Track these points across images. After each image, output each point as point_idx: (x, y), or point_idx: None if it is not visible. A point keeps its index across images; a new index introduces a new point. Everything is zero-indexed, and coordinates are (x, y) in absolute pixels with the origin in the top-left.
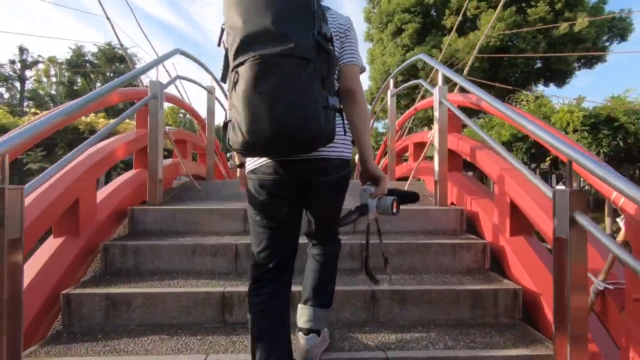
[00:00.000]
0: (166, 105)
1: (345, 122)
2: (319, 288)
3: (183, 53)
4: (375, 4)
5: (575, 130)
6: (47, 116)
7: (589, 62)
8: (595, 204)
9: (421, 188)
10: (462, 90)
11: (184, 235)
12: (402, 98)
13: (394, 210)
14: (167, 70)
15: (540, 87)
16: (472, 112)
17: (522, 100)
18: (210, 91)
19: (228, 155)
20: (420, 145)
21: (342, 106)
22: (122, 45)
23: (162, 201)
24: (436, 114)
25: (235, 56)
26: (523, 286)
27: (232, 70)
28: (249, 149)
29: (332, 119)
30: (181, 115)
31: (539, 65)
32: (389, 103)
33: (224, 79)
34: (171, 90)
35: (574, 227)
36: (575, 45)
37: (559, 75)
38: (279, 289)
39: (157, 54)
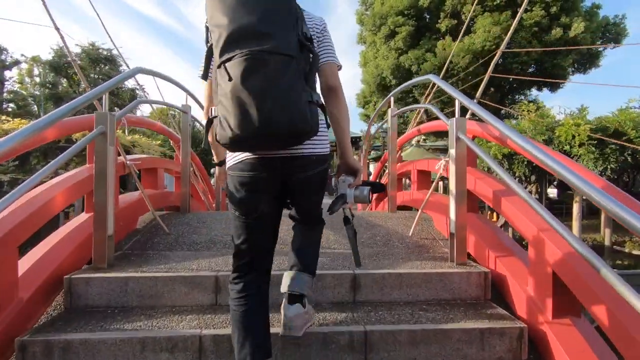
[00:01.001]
0: (153, 106)
1: (324, 118)
2: (303, 252)
3: (144, 71)
4: (368, 6)
5: (581, 144)
6: None
7: (583, 67)
8: (589, 211)
9: (428, 225)
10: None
11: (137, 313)
12: (396, 103)
13: (370, 198)
14: (140, 85)
15: (534, 92)
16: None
17: (522, 110)
18: (185, 110)
19: (212, 171)
20: (424, 174)
21: (324, 103)
22: (73, 59)
23: (113, 261)
24: (452, 151)
25: (222, 53)
26: None
27: (219, 67)
28: (236, 143)
29: (316, 114)
30: (172, 115)
31: (532, 70)
32: (389, 123)
33: (205, 77)
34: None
35: None
36: (570, 50)
37: (553, 79)
38: (256, 281)
39: (118, 51)
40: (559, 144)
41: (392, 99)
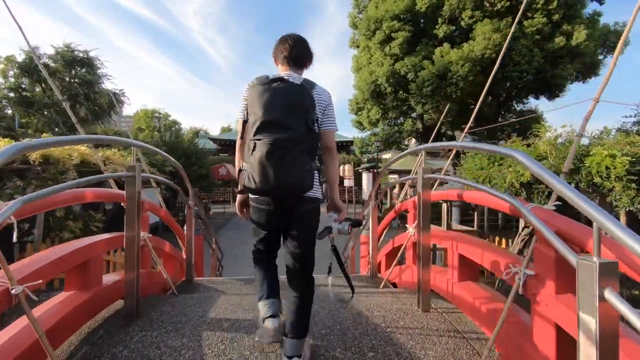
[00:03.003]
0: (138, 108)
1: (318, 176)
2: (297, 320)
3: (28, 148)
4: (362, 9)
5: (617, 178)
6: None
7: (583, 76)
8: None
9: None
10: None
11: None
12: (391, 110)
13: (349, 231)
14: (120, 90)
15: (532, 101)
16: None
17: (540, 133)
18: (129, 173)
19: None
20: (469, 263)
21: (321, 158)
22: None
23: None
24: (590, 320)
25: (256, 133)
26: None
27: (252, 140)
28: (257, 192)
29: (312, 177)
30: (156, 119)
31: (530, 78)
32: (419, 187)
33: (242, 137)
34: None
35: None
36: (572, 59)
37: (552, 88)
38: (268, 258)
39: (25, 38)
40: (588, 175)
41: (423, 153)
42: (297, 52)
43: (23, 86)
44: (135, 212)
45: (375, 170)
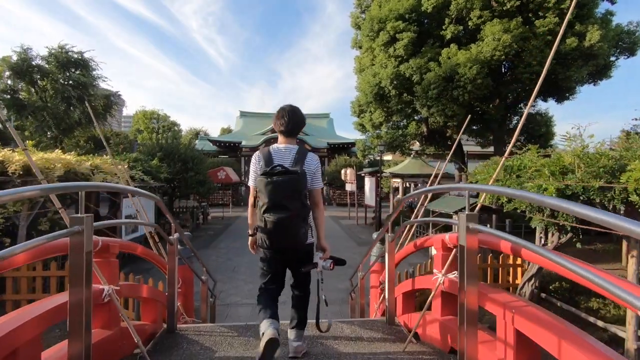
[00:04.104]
0: (136, 109)
1: (310, 228)
2: (298, 318)
3: None
4: (364, 9)
5: None
6: None
7: (593, 79)
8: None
9: None
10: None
11: None
12: (395, 114)
13: (331, 267)
14: (115, 92)
15: (540, 103)
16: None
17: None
18: (78, 229)
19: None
20: (532, 344)
21: (310, 210)
22: None
23: None
24: None
25: (264, 212)
26: None
27: (262, 216)
28: (269, 249)
29: (306, 235)
30: (155, 120)
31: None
32: (462, 239)
33: (254, 205)
34: None
35: None
36: (586, 61)
37: (562, 91)
38: (273, 292)
39: None
40: (622, 192)
41: (467, 194)
42: (291, 127)
43: (16, 88)
44: (82, 274)
45: (378, 175)
